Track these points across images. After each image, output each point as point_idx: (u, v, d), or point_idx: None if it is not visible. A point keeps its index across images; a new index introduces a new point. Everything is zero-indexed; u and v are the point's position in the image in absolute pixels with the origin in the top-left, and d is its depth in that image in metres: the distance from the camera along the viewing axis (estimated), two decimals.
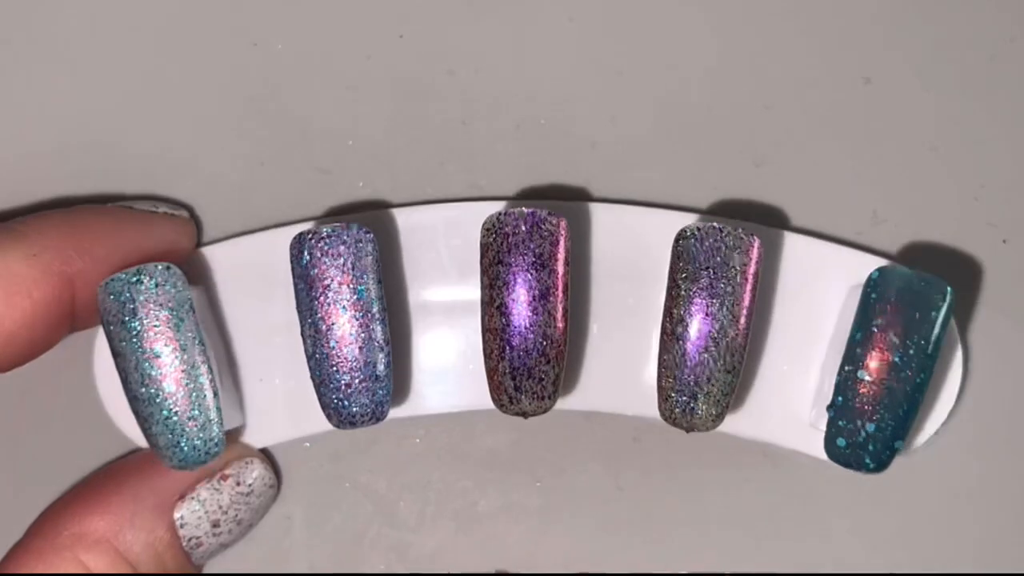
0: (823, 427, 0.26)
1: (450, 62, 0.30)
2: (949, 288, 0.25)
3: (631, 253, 0.28)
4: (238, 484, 0.27)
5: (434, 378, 0.28)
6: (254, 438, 0.28)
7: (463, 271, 0.28)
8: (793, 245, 0.28)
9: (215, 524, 0.27)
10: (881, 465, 0.25)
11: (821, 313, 0.28)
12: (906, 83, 0.30)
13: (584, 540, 0.29)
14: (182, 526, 0.27)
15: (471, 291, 0.27)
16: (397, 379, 0.28)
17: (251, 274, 0.28)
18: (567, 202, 0.28)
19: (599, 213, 0.28)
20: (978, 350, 0.29)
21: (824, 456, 0.26)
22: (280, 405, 0.28)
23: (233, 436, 0.28)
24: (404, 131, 0.30)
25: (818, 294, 0.28)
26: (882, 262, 0.28)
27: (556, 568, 0.29)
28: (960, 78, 0.30)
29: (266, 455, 0.29)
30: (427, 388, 0.28)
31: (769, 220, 0.29)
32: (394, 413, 0.28)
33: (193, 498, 0.27)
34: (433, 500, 0.29)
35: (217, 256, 0.28)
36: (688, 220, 0.28)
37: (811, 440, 0.27)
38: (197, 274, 0.28)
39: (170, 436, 0.25)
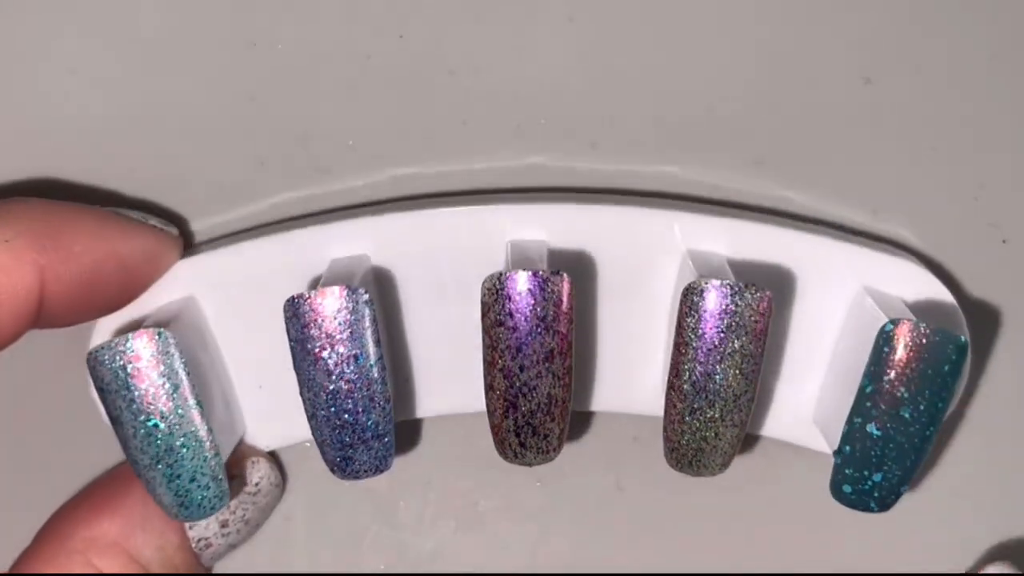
0: (824, 426, 0.26)
1: (450, 62, 0.30)
2: (964, 340, 0.24)
3: (633, 252, 0.28)
4: (245, 484, 0.27)
5: (436, 385, 0.28)
6: (256, 444, 0.28)
7: (465, 280, 0.28)
8: (800, 244, 0.28)
9: (223, 524, 0.27)
10: (885, 508, 0.25)
11: (828, 311, 0.28)
12: (906, 83, 0.30)
13: (584, 540, 0.29)
14: (191, 527, 0.27)
15: (472, 298, 0.27)
16: (398, 385, 0.28)
17: (250, 280, 0.28)
18: (567, 204, 0.28)
19: (601, 213, 0.28)
20: (978, 350, 0.29)
21: (825, 450, 0.26)
22: (280, 410, 0.28)
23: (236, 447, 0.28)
24: (404, 131, 0.30)
25: (825, 291, 0.28)
26: (889, 258, 0.28)
27: (556, 568, 0.29)
28: (960, 78, 0.30)
29: (270, 454, 0.29)
30: (429, 395, 0.28)
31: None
32: (396, 417, 0.28)
33: None
34: (433, 500, 0.29)
35: (216, 262, 0.28)
36: (692, 220, 0.28)
37: (814, 437, 0.27)
38: (195, 280, 0.28)
39: (174, 497, 0.25)
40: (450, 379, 0.28)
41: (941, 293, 0.27)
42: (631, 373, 0.28)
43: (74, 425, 0.29)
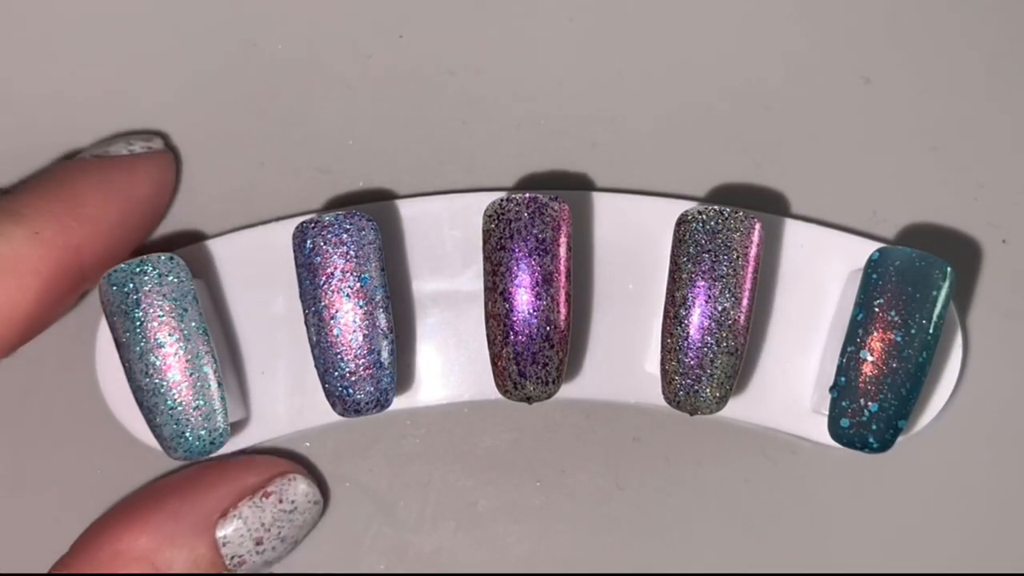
0: (825, 411, 0.26)
1: (450, 62, 0.30)
2: (949, 268, 0.25)
3: (632, 240, 0.28)
4: (280, 501, 0.27)
5: (438, 367, 0.28)
6: (257, 431, 0.28)
7: (466, 261, 0.28)
8: (793, 231, 0.28)
9: (258, 542, 0.27)
10: (885, 445, 0.25)
11: (822, 298, 0.28)
12: (906, 83, 0.30)
13: (584, 540, 0.29)
14: (225, 544, 0.26)
15: (474, 280, 0.28)
16: (400, 369, 0.28)
17: (253, 267, 0.28)
18: (569, 191, 0.28)
19: (600, 202, 0.28)
20: (978, 349, 0.29)
21: (826, 440, 0.26)
22: (283, 398, 0.28)
23: (236, 429, 0.28)
24: (404, 131, 0.30)
25: (818, 279, 0.28)
26: (881, 246, 0.28)
27: (556, 568, 0.29)
28: (960, 78, 0.30)
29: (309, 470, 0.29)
30: (431, 377, 0.28)
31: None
32: (397, 403, 0.28)
33: (236, 516, 0.27)
34: (433, 500, 0.29)
35: (219, 250, 0.28)
36: (689, 207, 0.28)
37: (813, 424, 0.28)
38: (199, 268, 0.28)
39: (175, 426, 0.25)
40: (452, 368, 0.28)
41: None
42: (633, 361, 0.28)
43: (76, 421, 0.29)
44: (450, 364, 0.28)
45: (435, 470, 0.29)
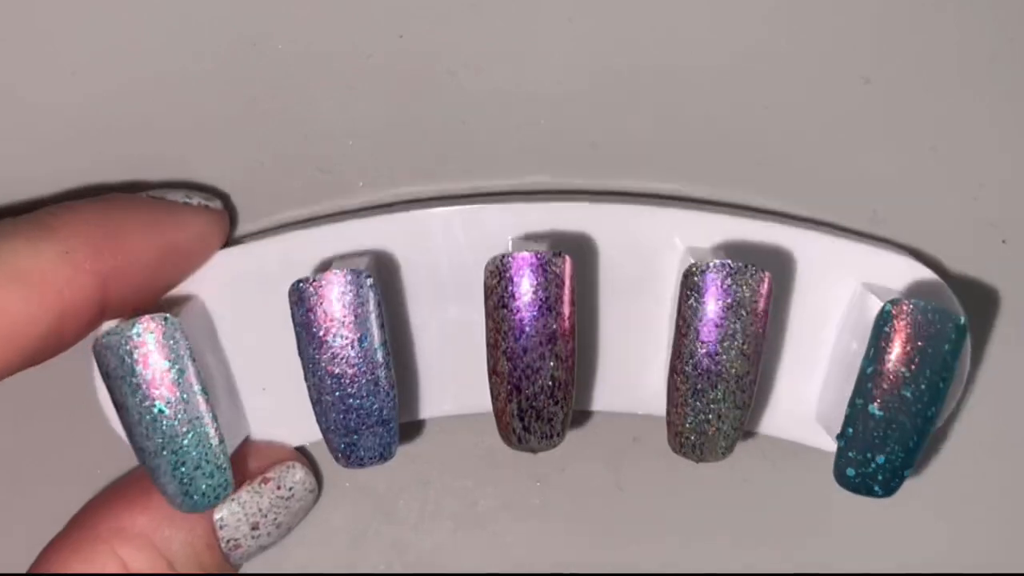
0: (827, 424, 0.26)
1: (450, 62, 0.30)
2: (963, 319, 0.25)
3: (634, 252, 0.28)
4: (279, 488, 0.27)
5: (437, 384, 0.28)
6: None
7: (467, 273, 0.28)
8: (801, 240, 0.28)
9: (254, 527, 0.27)
10: (889, 492, 0.25)
11: (828, 308, 0.28)
12: (906, 83, 0.30)
13: (584, 540, 0.29)
14: (221, 527, 0.27)
15: (475, 296, 0.27)
16: (400, 387, 0.28)
17: (253, 281, 0.28)
18: (569, 203, 0.28)
19: (602, 212, 0.28)
20: (978, 350, 0.29)
21: (830, 449, 0.26)
22: (284, 413, 0.28)
23: (240, 447, 0.28)
24: (404, 131, 0.30)
25: (825, 289, 0.28)
26: (888, 255, 0.28)
27: (556, 568, 0.29)
28: (960, 78, 0.30)
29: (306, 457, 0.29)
30: (430, 394, 0.28)
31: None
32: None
33: (233, 500, 0.27)
34: (433, 499, 0.29)
35: (218, 263, 0.28)
36: (690, 217, 0.28)
37: (817, 434, 0.27)
38: (198, 282, 0.28)
39: (179, 485, 0.25)
40: (451, 380, 0.28)
41: (939, 288, 0.27)
42: (634, 373, 0.28)
43: (74, 429, 0.29)
44: (449, 383, 0.28)
45: (434, 470, 0.29)
